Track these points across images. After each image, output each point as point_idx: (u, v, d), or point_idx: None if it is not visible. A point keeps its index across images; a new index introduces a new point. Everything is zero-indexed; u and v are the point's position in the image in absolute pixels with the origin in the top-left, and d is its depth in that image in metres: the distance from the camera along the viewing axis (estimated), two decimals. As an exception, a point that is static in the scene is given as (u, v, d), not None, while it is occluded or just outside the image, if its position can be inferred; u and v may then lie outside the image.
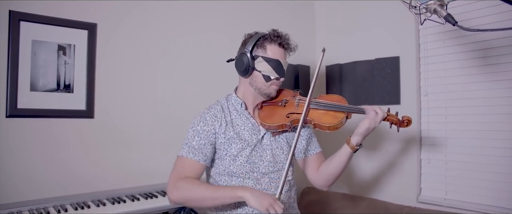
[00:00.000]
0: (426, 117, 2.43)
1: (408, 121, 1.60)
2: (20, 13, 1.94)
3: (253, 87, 1.62)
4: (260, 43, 1.58)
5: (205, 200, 1.45)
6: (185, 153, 1.54)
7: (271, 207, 1.30)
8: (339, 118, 1.55)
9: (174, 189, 1.48)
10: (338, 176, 1.65)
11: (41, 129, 2.01)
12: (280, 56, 1.58)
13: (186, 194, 1.46)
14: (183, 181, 1.47)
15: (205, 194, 1.45)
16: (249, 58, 1.56)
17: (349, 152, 1.56)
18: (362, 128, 1.52)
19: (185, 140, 1.57)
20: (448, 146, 2.34)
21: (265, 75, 1.57)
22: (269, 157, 1.59)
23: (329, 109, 1.59)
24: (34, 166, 1.98)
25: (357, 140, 1.55)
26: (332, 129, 1.56)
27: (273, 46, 1.58)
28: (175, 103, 2.45)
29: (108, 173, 2.19)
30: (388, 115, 1.60)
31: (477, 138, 2.21)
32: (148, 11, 2.36)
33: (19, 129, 1.95)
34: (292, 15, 3.04)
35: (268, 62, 1.56)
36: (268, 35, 1.59)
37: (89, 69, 2.15)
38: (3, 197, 1.86)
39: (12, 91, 1.92)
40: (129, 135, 2.28)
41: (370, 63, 2.69)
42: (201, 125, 1.56)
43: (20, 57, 1.94)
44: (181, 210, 2.11)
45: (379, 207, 2.43)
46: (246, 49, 1.58)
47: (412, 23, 2.47)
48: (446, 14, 1.19)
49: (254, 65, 1.57)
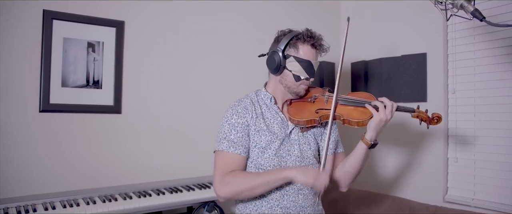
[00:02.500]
0: (454, 114, 2.38)
1: (437, 117, 1.58)
2: (53, 12, 2.02)
3: (282, 85, 1.63)
4: (293, 42, 1.57)
5: (256, 188, 1.48)
6: (226, 148, 1.54)
7: (317, 178, 1.39)
8: (368, 113, 1.54)
9: (223, 185, 1.49)
10: (355, 175, 1.64)
11: (71, 123, 2.08)
12: (311, 57, 1.58)
13: (237, 188, 1.48)
14: (230, 176, 1.50)
15: (255, 183, 1.47)
16: (281, 57, 1.56)
17: (364, 148, 1.54)
18: (373, 123, 1.50)
19: (220, 134, 1.57)
20: (477, 145, 2.28)
21: (295, 75, 1.58)
22: (297, 152, 1.60)
23: (358, 105, 1.59)
24: (65, 159, 2.06)
25: (371, 136, 1.52)
26: (360, 124, 1.55)
27: (306, 47, 1.57)
28: (201, 99, 2.49)
29: (135, 167, 2.25)
30: (417, 111, 1.59)
31: (507, 137, 2.14)
32: (174, 9, 2.41)
33: (51, 123, 2.03)
34: (317, 11, 3.02)
35: (300, 63, 1.56)
36: (301, 35, 1.58)
37: (117, 66, 2.21)
38: (37, 188, 1.94)
39: (45, 87, 2.00)
40: (156, 130, 2.34)
41: (396, 60, 2.65)
42: (235, 117, 1.57)
43: (52, 54, 2.02)
44: (206, 205, 2.14)
45: (404, 206, 2.40)
46: (278, 47, 1.58)
47: (439, 19, 2.41)
48: (473, 9, 1.16)
49: (285, 65, 1.58)
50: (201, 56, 2.50)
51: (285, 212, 1.55)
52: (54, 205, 1.81)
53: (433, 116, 1.59)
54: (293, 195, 1.57)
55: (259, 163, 1.57)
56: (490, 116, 2.22)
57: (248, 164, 1.59)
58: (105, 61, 2.18)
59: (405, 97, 2.57)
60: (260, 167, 1.57)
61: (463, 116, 2.34)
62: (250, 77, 2.09)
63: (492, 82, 2.21)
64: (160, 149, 2.35)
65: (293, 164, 1.58)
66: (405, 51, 2.60)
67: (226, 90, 2.54)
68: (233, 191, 1.48)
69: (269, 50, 1.66)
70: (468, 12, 1.17)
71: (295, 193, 1.57)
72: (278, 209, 1.55)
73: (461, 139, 2.34)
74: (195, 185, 2.25)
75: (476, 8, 1.16)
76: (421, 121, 1.61)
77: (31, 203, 1.81)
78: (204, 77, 2.52)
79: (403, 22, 2.65)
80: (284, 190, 1.56)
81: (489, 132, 2.22)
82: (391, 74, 2.68)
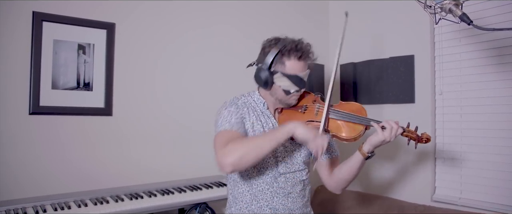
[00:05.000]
0: (441, 115, 2.43)
1: (427, 139, 1.54)
2: (43, 14, 2.00)
3: (273, 97, 1.63)
4: (279, 58, 1.53)
5: (262, 147, 1.39)
6: (228, 127, 1.50)
7: (317, 136, 1.37)
8: (357, 130, 1.53)
9: (225, 154, 1.37)
10: (350, 181, 1.66)
11: (62, 126, 2.07)
12: (299, 70, 1.54)
13: (241, 150, 1.37)
14: (231, 144, 1.40)
15: (259, 141, 1.42)
16: (268, 73, 1.54)
17: (360, 159, 1.56)
18: (376, 140, 1.50)
19: (219, 120, 1.54)
20: (463, 145, 2.33)
21: (285, 90, 1.56)
22: (287, 158, 1.62)
23: (348, 120, 1.56)
24: (56, 162, 2.04)
25: (368, 149, 1.53)
26: (350, 141, 1.55)
27: (293, 61, 1.53)
28: (192, 101, 2.49)
29: (126, 169, 2.24)
30: (406, 130, 1.55)
31: (492, 137, 2.20)
32: (165, 11, 2.41)
33: (41, 126, 2.01)
34: (306, 13, 3.05)
35: (288, 78, 1.53)
36: (286, 51, 1.52)
37: (107, 68, 2.20)
38: (25, 192, 1.92)
39: (35, 89, 1.98)
40: (147, 132, 2.33)
41: (384, 62, 2.69)
42: (233, 107, 1.58)
43: (42, 56, 2.01)
44: (197, 207, 2.14)
45: (393, 206, 2.44)
46: (265, 63, 1.54)
47: (427, 22, 2.46)
48: (461, 13, 1.20)
49: (273, 80, 1.55)
50: (192, 58, 2.51)
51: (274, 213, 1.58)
52: (45, 208, 1.80)
53: (422, 135, 1.55)
54: (282, 198, 1.59)
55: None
56: (476, 117, 2.27)
57: None
58: (95, 64, 2.17)
59: (393, 99, 2.62)
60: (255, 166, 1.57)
61: (450, 117, 2.39)
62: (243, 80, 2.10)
63: (477, 83, 2.26)
64: (152, 151, 2.35)
65: (283, 170, 1.60)
66: (393, 53, 2.64)
67: (217, 91, 2.54)
68: (238, 155, 1.36)
69: (256, 60, 1.62)
70: (456, 16, 1.21)
71: (285, 196, 1.60)
72: (267, 210, 1.57)
73: (448, 139, 2.39)
74: (186, 187, 2.25)
75: (464, 12, 1.20)
76: (409, 140, 1.57)
77: (21, 207, 1.79)
78: (196, 79, 2.52)
79: (391, 24, 2.69)
80: (274, 191, 1.58)
81: (475, 132, 2.28)
82: (380, 76, 2.72)
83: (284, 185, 1.60)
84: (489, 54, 2.21)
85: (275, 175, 1.59)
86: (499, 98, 2.17)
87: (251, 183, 1.59)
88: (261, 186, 1.58)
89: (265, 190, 1.58)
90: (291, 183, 1.61)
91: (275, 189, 1.58)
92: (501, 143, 2.16)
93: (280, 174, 1.60)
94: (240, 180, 1.61)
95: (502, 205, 2.12)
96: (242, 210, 1.60)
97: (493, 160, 2.19)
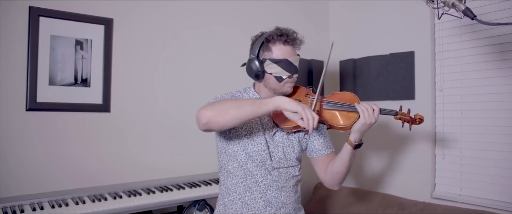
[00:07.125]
0: (441, 112, 2.42)
1: (420, 119, 1.58)
2: (40, 8, 1.98)
3: (268, 88, 1.63)
4: (265, 45, 1.56)
5: (241, 107, 1.39)
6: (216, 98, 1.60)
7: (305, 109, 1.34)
8: (352, 118, 1.54)
9: (204, 108, 1.42)
10: (344, 174, 1.65)
11: (59, 122, 2.05)
12: (288, 54, 1.55)
13: (220, 106, 1.40)
14: (212, 102, 1.48)
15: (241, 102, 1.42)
16: (257, 63, 1.56)
17: (349, 149, 1.55)
18: (357, 125, 1.51)
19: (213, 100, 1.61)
20: (463, 142, 2.32)
21: (276, 76, 1.56)
22: (280, 154, 1.62)
23: (342, 109, 1.58)
24: (53, 158, 2.02)
25: (354, 137, 1.53)
26: (345, 129, 1.55)
27: (278, 46, 1.55)
28: (191, 97, 2.47)
29: (124, 166, 2.22)
30: (399, 113, 1.59)
31: (493, 134, 2.18)
32: (163, 7, 2.39)
33: (38, 122, 1.99)
34: (306, 10, 3.03)
35: (277, 63, 1.54)
36: (270, 37, 1.56)
37: (105, 64, 2.18)
38: (22, 189, 1.90)
39: (32, 85, 1.96)
40: (145, 129, 2.31)
41: (384, 58, 2.68)
42: (228, 95, 1.64)
43: (39, 52, 1.98)
44: (196, 204, 2.13)
45: (393, 202, 2.43)
46: (253, 54, 1.58)
47: (427, 18, 2.45)
48: (464, 8, 1.18)
49: (264, 69, 1.56)
50: (190, 54, 2.49)
51: (268, 205, 1.59)
52: (42, 205, 1.79)
53: (415, 116, 1.59)
54: (276, 191, 1.60)
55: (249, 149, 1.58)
56: (477, 113, 2.26)
57: (239, 150, 1.60)
58: (93, 59, 2.15)
59: (393, 96, 2.60)
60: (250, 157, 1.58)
61: (450, 113, 2.38)
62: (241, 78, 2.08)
63: (478, 80, 2.25)
64: (150, 148, 2.33)
65: (276, 165, 1.60)
66: (393, 49, 2.63)
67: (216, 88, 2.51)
68: (217, 109, 1.39)
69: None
70: (460, 10, 1.19)
71: (279, 189, 1.61)
72: (261, 201, 1.58)
73: (448, 136, 2.38)
74: (185, 184, 2.24)
75: (467, 6, 1.18)
76: (403, 122, 1.61)
77: (18, 204, 1.78)
78: (194, 75, 2.50)
79: (391, 21, 2.68)
80: (268, 184, 1.59)
81: (476, 129, 2.26)
82: (380, 73, 2.71)
83: (277, 178, 1.61)
84: (489, 51, 2.19)
85: (269, 169, 1.60)
86: (499, 95, 2.16)
87: (245, 175, 1.59)
88: (255, 178, 1.59)
89: (259, 182, 1.59)
90: (284, 178, 1.63)
91: (269, 181, 1.59)
92: (501, 139, 2.15)
93: (273, 168, 1.60)
94: (234, 171, 1.61)
95: (503, 201, 2.11)
96: (235, 201, 1.60)
97: (493, 156, 2.18)
